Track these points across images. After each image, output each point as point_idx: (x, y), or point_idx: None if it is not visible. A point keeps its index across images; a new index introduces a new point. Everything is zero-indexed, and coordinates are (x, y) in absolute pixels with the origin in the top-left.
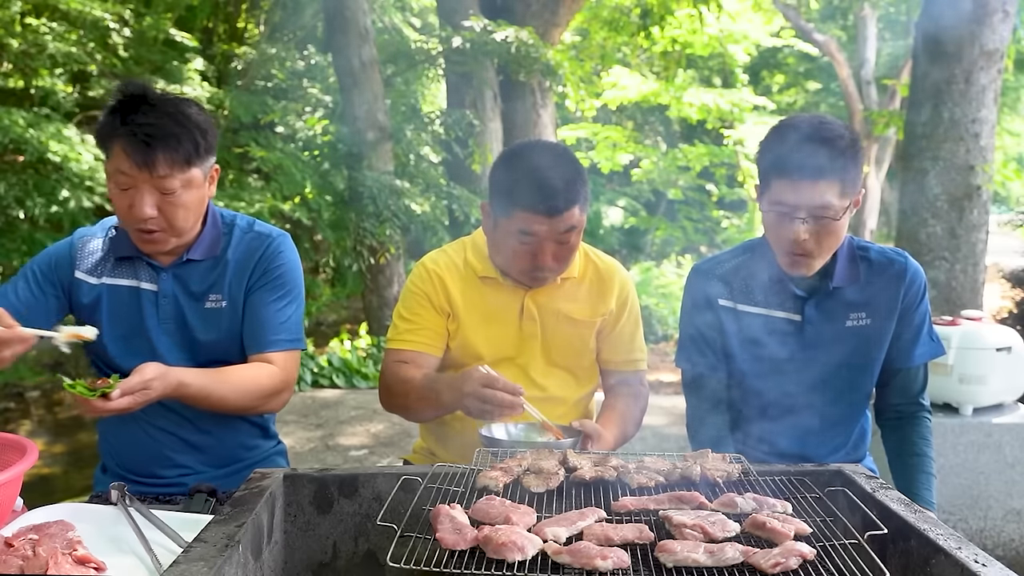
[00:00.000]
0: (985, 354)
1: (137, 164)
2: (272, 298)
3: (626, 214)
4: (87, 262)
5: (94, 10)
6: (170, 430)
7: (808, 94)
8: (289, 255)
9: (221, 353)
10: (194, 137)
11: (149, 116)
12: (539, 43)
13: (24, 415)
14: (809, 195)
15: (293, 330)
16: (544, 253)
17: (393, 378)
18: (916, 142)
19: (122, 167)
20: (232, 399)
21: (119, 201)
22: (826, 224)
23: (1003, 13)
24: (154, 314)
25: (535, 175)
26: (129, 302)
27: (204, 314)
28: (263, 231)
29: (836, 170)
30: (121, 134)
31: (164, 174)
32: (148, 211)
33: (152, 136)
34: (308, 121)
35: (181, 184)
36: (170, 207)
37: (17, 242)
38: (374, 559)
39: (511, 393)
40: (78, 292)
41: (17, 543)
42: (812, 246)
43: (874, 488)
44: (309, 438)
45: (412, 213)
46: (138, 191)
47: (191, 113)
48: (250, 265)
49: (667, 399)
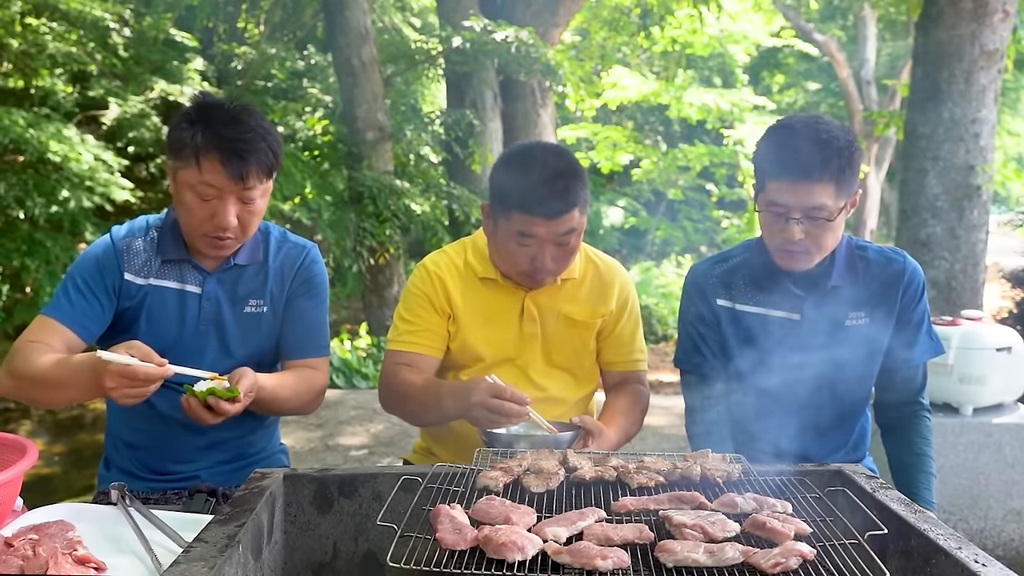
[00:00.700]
0: (985, 354)
1: (232, 177)
2: (313, 306)
3: (626, 214)
4: (134, 263)
5: (94, 10)
6: (181, 420)
7: (808, 94)
8: (323, 266)
9: (255, 357)
10: (275, 149)
11: (235, 129)
12: (539, 43)
13: (24, 415)
14: (803, 196)
15: (328, 336)
16: (543, 255)
17: (393, 380)
18: (916, 142)
19: (214, 180)
20: (290, 404)
21: (199, 211)
22: (821, 224)
23: (1003, 13)
24: (195, 316)
25: (535, 177)
26: (172, 304)
27: (243, 318)
28: (298, 241)
29: (831, 171)
30: (213, 147)
31: (252, 185)
32: (232, 220)
33: (246, 151)
34: (308, 121)
35: (260, 194)
36: (247, 215)
37: (17, 242)
38: (374, 559)
39: (518, 403)
40: (126, 293)
41: (17, 543)
42: (807, 245)
43: (874, 488)
44: (309, 438)
45: (412, 213)
46: (223, 201)
47: (268, 125)
48: (291, 274)
49: (667, 399)
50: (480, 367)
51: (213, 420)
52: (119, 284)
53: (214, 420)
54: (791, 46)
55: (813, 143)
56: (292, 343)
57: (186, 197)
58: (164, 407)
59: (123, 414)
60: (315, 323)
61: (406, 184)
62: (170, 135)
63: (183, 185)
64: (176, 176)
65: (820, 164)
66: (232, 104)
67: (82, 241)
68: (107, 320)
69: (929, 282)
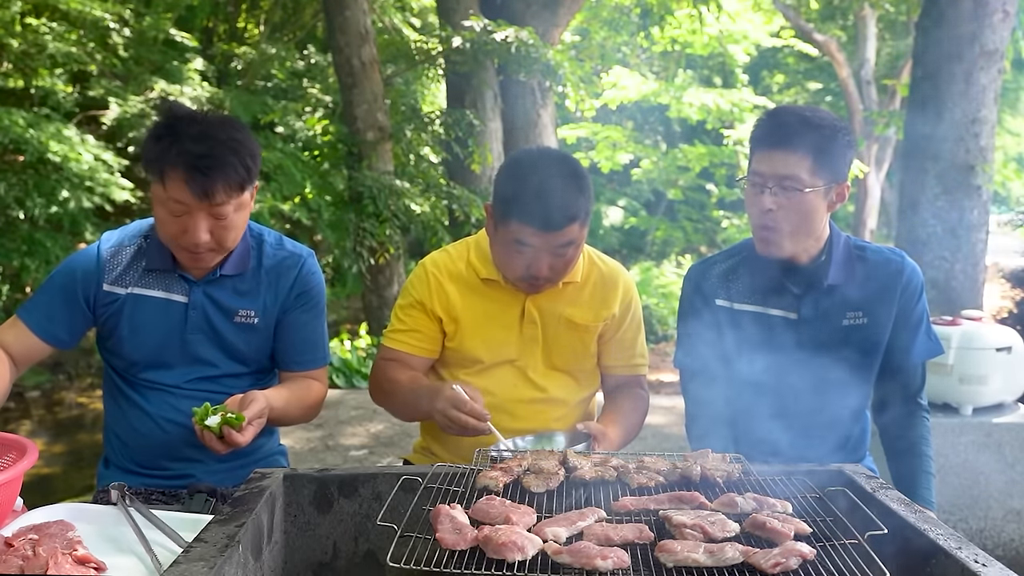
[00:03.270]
0: (985, 354)
1: (196, 195)
2: (310, 318)
3: (626, 214)
4: (114, 273)
5: (94, 10)
6: (179, 422)
7: (808, 94)
8: (319, 274)
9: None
10: (247, 163)
11: (203, 145)
12: (539, 43)
13: (24, 415)
14: (778, 165)
15: (327, 346)
16: (539, 264)
17: (381, 375)
18: (916, 142)
19: (179, 197)
20: (294, 417)
21: (170, 226)
22: (792, 197)
23: (1003, 13)
24: (181, 324)
25: (536, 188)
26: (155, 312)
27: (234, 328)
28: (295, 250)
29: (807, 144)
30: (178, 164)
31: (221, 201)
32: (203, 236)
33: (211, 168)
34: (308, 121)
35: (234, 208)
36: (222, 230)
37: (17, 242)
38: (374, 559)
39: (477, 418)
40: (102, 302)
41: (17, 543)
42: (779, 221)
43: (874, 488)
44: (309, 438)
45: (412, 213)
46: (192, 217)
47: (241, 138)
48: (286, 285)
49: (667, 399)
50: (478, 368)
51: (225, 450)
52: (95, 294)
53: (226, 450)
54: (791, 46)
55: (794, 116)
56: (291, 356)
57: (159, 212)
58: (156, 411)
59: (119, 415)
60: (313, 335)
61: (406, 184)
62: (142, 149)
63: (155, 199)
64: (152, 188)
65: (797, 135)
66: (206, 116)
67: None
68: (79, 327)
69: (929, 282)
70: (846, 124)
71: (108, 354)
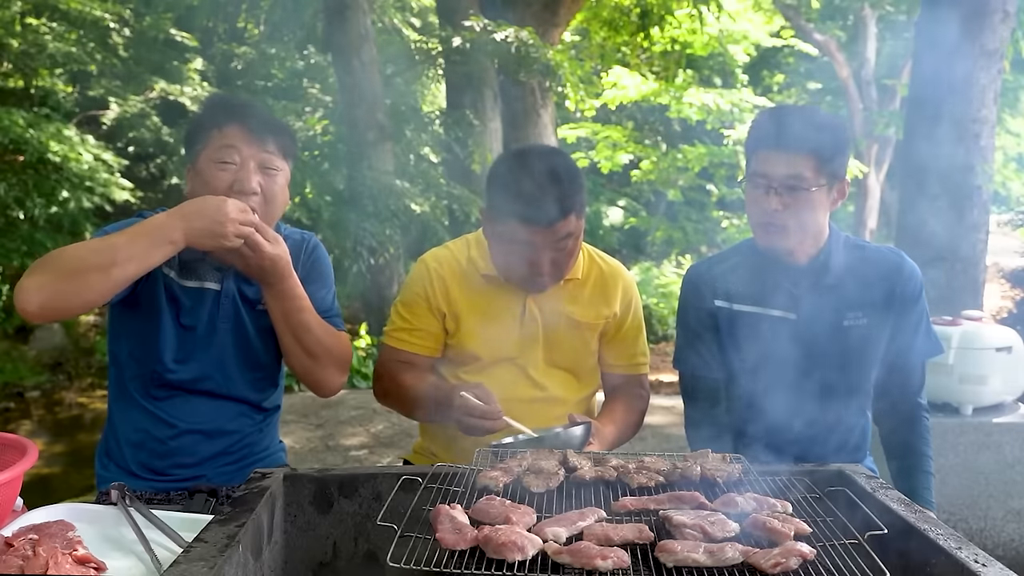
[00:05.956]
0: (985, 354)
1: (253, 132)
2: (319, 288)
3: (626, 214)
4: None
5: (94, 10)
6: (182, 418)
7: (808, 94)
8: (324, 251)
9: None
10: (290, 133)
11: (255, 108)
12: (539, 43)
13: (24, 415)
14: (783, 166)
15: (341, 318)
16: (541, 261)
17: (390, 378)
18: (916, 142)
19: (233, 140)
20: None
21: (219, 183)
22: (798, 196)
23: (1003, 13)
24: (215, 313)
25: (529, 184)
26: (192, 302)
27: (257, 315)
28: (299, 233)
29: (810, 144)
30: (235, 117)
31: (271, 150)
32: (254, 183)
33: (266, 119)
34: (308, 121)
35: (280, 166)
36: (270, 183)
37: (17, 242)
38: (374, 559)
39: (490, 418)
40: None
41: (17, 543)
42: (785, 219)
43: (874, 488)
44: (309, 438)
45: (412, 213)
46: (244, 168)
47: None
48: (297, 264)
49: (667, 399)
50: (478, 366)
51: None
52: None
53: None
54: (791, 46)
55: (797, 116)
56: None
57: (206, 174)
58: (166, 413)
59: (126, 414)
60: (324, 305)
61: (406, 184)
62: (187, 133)
63: (204, 163)
64: (196, 163)
65: (801, 135)
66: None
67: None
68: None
69: (929, 282)
70: (843, 122)
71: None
